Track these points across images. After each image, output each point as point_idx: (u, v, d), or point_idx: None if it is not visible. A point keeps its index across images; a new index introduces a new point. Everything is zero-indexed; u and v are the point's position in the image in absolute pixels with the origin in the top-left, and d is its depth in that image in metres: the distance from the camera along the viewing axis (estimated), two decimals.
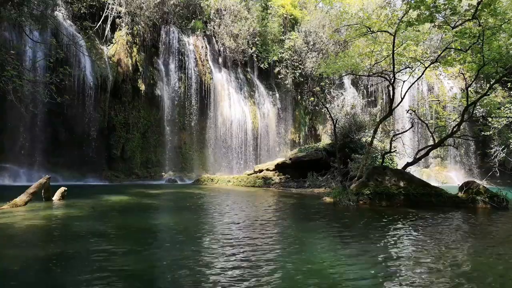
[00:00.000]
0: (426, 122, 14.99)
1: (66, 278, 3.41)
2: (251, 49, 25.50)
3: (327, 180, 15.20)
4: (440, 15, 11.26)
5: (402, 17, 11.23)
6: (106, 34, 20.26)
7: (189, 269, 3.74)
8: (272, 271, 3.70)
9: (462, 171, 26.55)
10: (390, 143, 13.59)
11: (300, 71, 26.95)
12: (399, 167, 13.88)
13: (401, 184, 10.04)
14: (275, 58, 26.57)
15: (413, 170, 16.48)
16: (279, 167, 18.11)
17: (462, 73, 14.87)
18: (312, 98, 27.45)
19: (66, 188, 9.46)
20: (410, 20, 10.73)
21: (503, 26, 10.16)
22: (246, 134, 24.42)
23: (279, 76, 27.09)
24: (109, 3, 19.90)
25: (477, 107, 15.13)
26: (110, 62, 19.69)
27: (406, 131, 14.38)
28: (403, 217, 7.58)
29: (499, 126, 18.87)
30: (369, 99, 28.11)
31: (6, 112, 15.78)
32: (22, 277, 3.49)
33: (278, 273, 3.65)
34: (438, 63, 12.78)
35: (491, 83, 11.98)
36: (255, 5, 27.09)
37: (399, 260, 4.22)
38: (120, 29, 20.65)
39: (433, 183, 13.29)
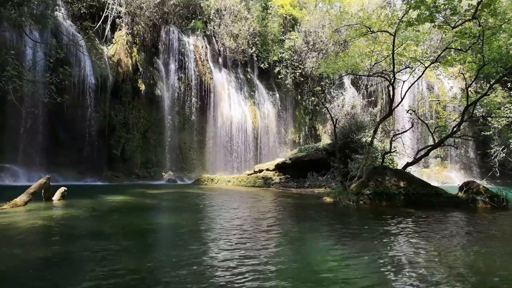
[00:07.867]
0: (426, 122, 14.99)
1: (66, 278, 3.41)
2: (251, 49, 25.50)
3: (327, 180, 15.20)
4: (440, 15, 11.26)
5: (402, 17, 11.23)
6: (106, 34, 20.26)
7: (189, 269, 3.73)
8: (271, 271, 3.70)
9: (462, 171, 26.57)
10: (390, 143, 13.59)
11: (300, 71, 26.96)
12: (399, 167, 13.88)
13: (401, 184, 10.04)
14: (275, 58, 26.58)
15: (413, 170, 16.47)
16: (279, 167, 18.10)
17: (462, 73, 14.86)
18: (313, 98, 27.46)
19: (66, 188, 9.45)
20: (410, 20, 10.74)
21: (503, 26, 10.17)
22: (246, 134, 24.41)
23: (279, 76, 27.09)
24: (109, 3, 19.90)
25: (477, 107, 15.13)
26: (110, 62, 19.69)
27: (406, 131, 14.36)
28: (403, 217, 7.58)
29: (499, 126, 18.86)
30: (369, 99, 28.12)
31: (6, 112, 15.78)
32: (21, 277, 3.49)
33: (278, 273, 3.65)
34: (438, 63, 12.79)
35: (491, 83, 11.99)
36: (255, 5, 27.10)
37: (399, 261, 4.22)
38: (120, 29, 20.65)
39: (433, 183, 13.29)
